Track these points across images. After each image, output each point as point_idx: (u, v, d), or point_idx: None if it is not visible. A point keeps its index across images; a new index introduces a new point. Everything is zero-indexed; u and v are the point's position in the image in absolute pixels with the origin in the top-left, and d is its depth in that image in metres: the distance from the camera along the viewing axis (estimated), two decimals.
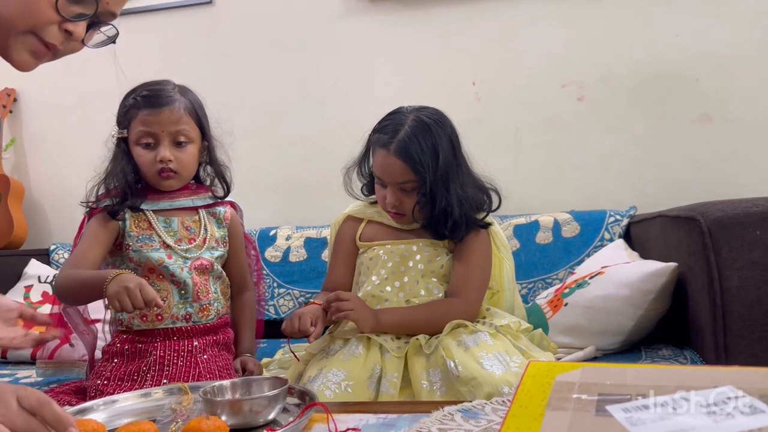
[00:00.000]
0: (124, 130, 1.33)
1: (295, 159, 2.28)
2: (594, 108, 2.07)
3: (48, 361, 1.48)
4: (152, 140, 1.30)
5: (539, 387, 0.59)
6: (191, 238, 1.36)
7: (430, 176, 1.30)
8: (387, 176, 1.35)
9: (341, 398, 1.13)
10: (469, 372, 1.14)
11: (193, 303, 1.33)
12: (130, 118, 1.32)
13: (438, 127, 1.34)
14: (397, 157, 1.31)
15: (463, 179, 1.36)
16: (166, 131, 1.30)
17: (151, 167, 1.30)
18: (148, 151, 1.31)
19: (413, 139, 1.30)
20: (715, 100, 1.99)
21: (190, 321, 1.33)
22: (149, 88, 1.33)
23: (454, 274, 1.38)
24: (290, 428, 0.77)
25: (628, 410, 0.52)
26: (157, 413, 0.91)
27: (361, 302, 1.30)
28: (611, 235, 1.86)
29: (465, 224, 1.35)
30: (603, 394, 0.55)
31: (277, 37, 2.29)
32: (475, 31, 2.15)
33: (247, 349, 1.42)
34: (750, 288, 1.19)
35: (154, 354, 1.30)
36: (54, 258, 2.18)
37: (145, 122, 1.29)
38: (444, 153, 1.32)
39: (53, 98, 2.47)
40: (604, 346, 1.45)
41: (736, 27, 1.98)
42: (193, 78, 2.32)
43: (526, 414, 0.55)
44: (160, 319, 1.31)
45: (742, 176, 1.95)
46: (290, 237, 2.09)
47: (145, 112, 1.30)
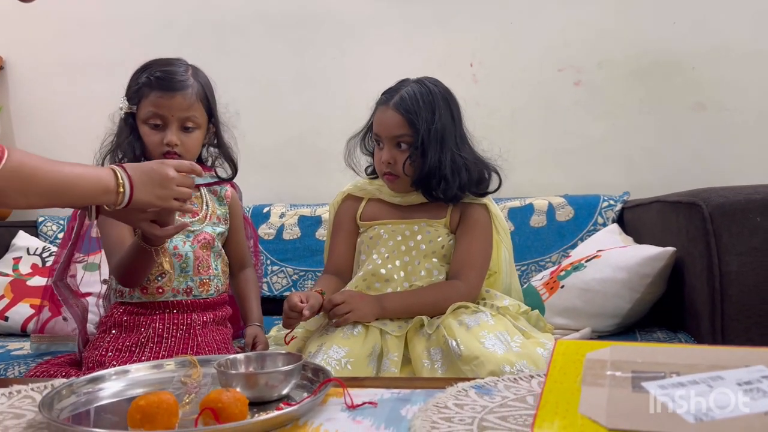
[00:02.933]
0: (134, 106, 1.33)
1: (290, 136, 2.26)
2: (590, 93, 2.08)
3: (41, 335, 1.47)
4: (160, 122, 1.32)
5: (571, 364, 0.59)
6: (200, 214, 1.37)
7: (423, 129, 1.32)
8: (383, 130, 1.37)
9: (341, 374, 1.13)
10: (471, 351, 1.15)
11: (193, 277, 1.34)
12: (141, 96, 1.32)
13: (438, 92, 1.37)
14: (394, 110, 1.35)
15: (460, 146, 1.38)
16: (175, 116, 1.31)
17: (156, 148, 1.32)
18: (156, 132, 1.32)
19: (413, 96, 1.35)
20: (710, 89, 2.02)
21: (191, 295, 1.33)
22: (163, 69, 1.33)
23: (455, 255, 1.39)
24: (308, 402, 0.77)
25: (665, 387, 0.53)
26: (168, 385, 0.91)
27: (357, 297, 1.29)
28: (604, 219, 1.88)
29: (459, 188, 1.36)
30: (637, 372, 0.56)
31: (274, 12, 2.26)
32: (474, 12, 2.14)
33: (256, 319, 1.43)
34: (749, 273, 1.21)
35: (153, 326, 1.30)
36: (42, 230, 2.14)
37: (156, 104, 1.31)
38: (441, 113, 1.35)
39: (41, 67, 2.41)
40: (600, 328, 1.47)
41: (732, 18, 2.00)
42: (186, 51, 2.29)
43: (562, 389, 0.55)
44: (160, 292, 1.31)
45: (735, 164, 1.99)
46: (284, 215, 2.08)
47: (157, 93, 1.31)
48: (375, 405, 0.81)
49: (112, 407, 0.85)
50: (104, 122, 2.22)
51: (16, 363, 1.40)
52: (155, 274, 1.31)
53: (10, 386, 0.92)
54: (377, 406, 0.81)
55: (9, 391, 0.90)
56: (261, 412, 0.79)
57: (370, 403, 0.81)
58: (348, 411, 0.79)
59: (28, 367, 1.38)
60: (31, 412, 0.82)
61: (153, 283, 1.31)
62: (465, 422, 0.73)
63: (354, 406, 0.80)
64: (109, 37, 2.36)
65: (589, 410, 0.51)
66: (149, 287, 1.31)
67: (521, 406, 0.79)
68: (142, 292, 1.31)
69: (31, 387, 0.91)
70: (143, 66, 1.36)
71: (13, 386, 0.92)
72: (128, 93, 1.34)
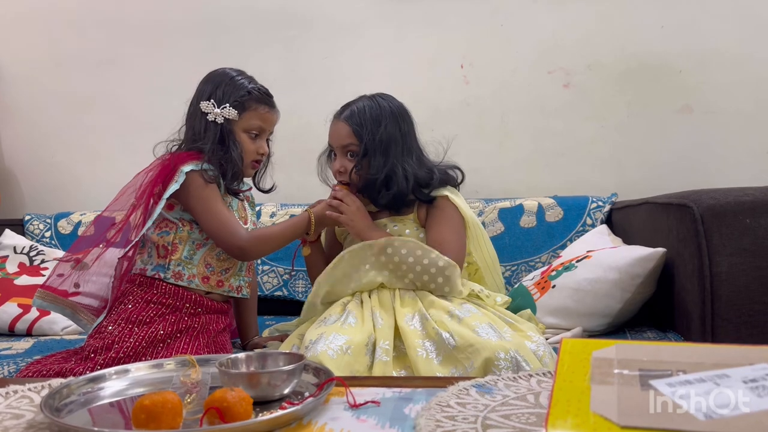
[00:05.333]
0: (239, 114, 1.41)
1: (280, 135, 2.23)
2: (579, 95, 2.11)
3: (48, 293, 1.41)
4: (258, 133, 1.44)
5: (578, 363, 0.60)
6: (245, 219, 1.46)
7: (367, 138, 1.42)
8: (334, 140, 1.49)
9: (342, 360, 1.16)
10: (466, 340, 1.19)
11: (245, 277, 1.45)
12: (248, 107, 1.41)
13: (388, 106, 1.47)
14: (344, 122, 1.46)
15: (405, 158, 1.45)
16: (269, 130, 1.48)
17: (250, 155, 1.44)
18: (252, 141, 1.44)
19: (362, 109, 1.46)
20: (697, 92, 2.05)
21: (241, 293, 1.44)
22: (260, 85, 1.46)
23: (429, 241, 1.45)
24: (312, 401, 0.78)
25: (673, 385, 0.54)
26: (168, 385, 0.91)
27: (359, 214, 1.41)
28: (593, 220, 1.90)
29: (397, 196, 1.43)
30: (644, 370, 0.57)
31: (265, 12, 2.25)
32: (464, 13, 2.15)
33: (255, 333, 1.52)
34: (738, 274, 1.23)
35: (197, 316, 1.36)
36: (29, 229, 2.12)
37: (262, 118, 1.44)
38: (387, 126, 1.44)
39: (26, 64, 2.38)
40: (591, 328, 1.49)
41: (719, 22, 2.03)
42: (177, 50, 2.29)
43: (572, 388, 0.56)
44: (220, 285, 1.40)
45: (720, 165, 2.02)
46: (275, 214, 2.08)
47: (265, 108, 1.44)
48: (378, 404, 0.81)
49: (114, 407, 0.84)
50: (97, 120, 2.21)
51: (5, 362, 1.39)
52: (223, 266, 1.40)
53: (7, 386, 0.91)
54: (380, 405, 0.81)
55: (6, 391, 0.89)
56: (264, 412, 0.79)
57: (373, 402, 0.81)
58: (351, 410, 0.80)
59: (18, 367, 1.36)
60: (30, 413, 0.82)
61: (216, 276, 1.40)
62: (468, 420, 0.74)
63: (357, 405, 0.80)
64: (99, 36, 2.34)
65: (601, 408, 0.52)
66: (211, 278, 1.38)
67: (522, 404, 0.80)
68: (203, 281, 1.38)
69: (28, 387, 0.90)
70: (239, 76, 1.44)
71: (9, 386, 0.91)
72: (231, 100, 1.40)
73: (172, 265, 1.36)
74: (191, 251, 1.37)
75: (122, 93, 2.31)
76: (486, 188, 2.07)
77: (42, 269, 1.87)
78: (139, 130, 2.22)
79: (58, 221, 2.14)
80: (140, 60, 2.31)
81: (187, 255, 1.37)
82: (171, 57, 2.30)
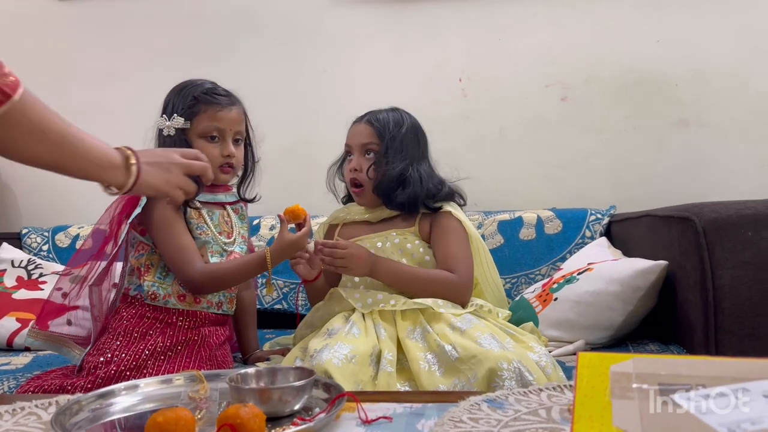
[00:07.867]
0: (188, 122, 1.35)
1: (281, 148, 2.25)
2: (577, 109, 2.12)
3: (40, 331, 1.39)
4: (218, 135, 1.36)
5: (597, 377, 0.60)
6: (229, 233, 1.41)
7: (388, 138, 1.46)
8: (354, 139, 1.51)
9: (347, 369, 1.17)
10: (468, 351, 1.20)
11: (225, 293, 1.39)
12: (197, 111, 1.36)
13: (408, 118, 1.52)
14: (366, 124, 1.50)
15: (420, 163, 1.49)
16: (232, 129, 1.37)
17: (214, 160, 1.33)
18: (213, 145, 1.36)
19: (384, 114, 1.51)
20: (693, 106, 2.07)
21: (221, 309, 1.39)
22: (211, 86, 1.39)
23: (438, 256, 1.47)
24: (325, 417, 0.77)
25: (693, 399, 0.55)
26: (176, 400, 0.90)
27: (356, 257, 1.37)
28: (592, 232, 1.91)
29: (413, 196, 1.45)
30: (663, 384, 0.58)
31: (264, 25, 2.26)
32: (463, 27, 2.17)
33: (255, 347, 1.49)
34: (741, 286, 1.24)
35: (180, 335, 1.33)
36: (26, 242, 2.11)
37: (215, 118, 1.35)
38: (407, 131, 1.49)
39: (20, 75, 2.37)
40: (593, 341, 1.49)
41: (714, 37, 2.05)
42: (176, 65, 2.29)
43: (593, 403, 0.56)
44: (198, 301, 1.35)
45: (717, 178, 2.04)
46: (274, 227, 2.08)
47: (216, 108, 1.36)
48: (390, 420, 0.81)
49: (125, 423, 0.84)
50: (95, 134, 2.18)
51: (5, 378, 1.37)
52: None
53: (13, 403, 0.90)
54: (392, 420, 0.81)
55: (12, 408, 0.89)
56: (277, 428, 0.78)
57: (385, 417, 0.81)
58: (364, 426, 0.79)
59: (18, 383, 1.35)
60: (38, 430, 0.81)
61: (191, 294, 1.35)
62: None
63: (370, 421, 0.80)
64: (99, 50, 2.34)
65: (624, 423, 0.52)
66: (187, 296, 1.34)
67: (535, 419, 0.80)
68: (179, 300, 1.34)
69: (35, 403, 0.90)
70: (188, 85, 1.39)
71: (16, 403, 0.90)
72: (180, 110, 1.36)
73: (146, 286, 1.34)
74: (163, 273, 1.35)
75: (120, 107, 2.31)
76: (485, 201, 2.07)
77: (41, 283, 1.86)
78: (137, 144, 2.21)
79: (56, 234, 2.13)
80: (139, 75, 2.31)
81: (159, 276, 1.35)
82: (170, 71, 2.29)
